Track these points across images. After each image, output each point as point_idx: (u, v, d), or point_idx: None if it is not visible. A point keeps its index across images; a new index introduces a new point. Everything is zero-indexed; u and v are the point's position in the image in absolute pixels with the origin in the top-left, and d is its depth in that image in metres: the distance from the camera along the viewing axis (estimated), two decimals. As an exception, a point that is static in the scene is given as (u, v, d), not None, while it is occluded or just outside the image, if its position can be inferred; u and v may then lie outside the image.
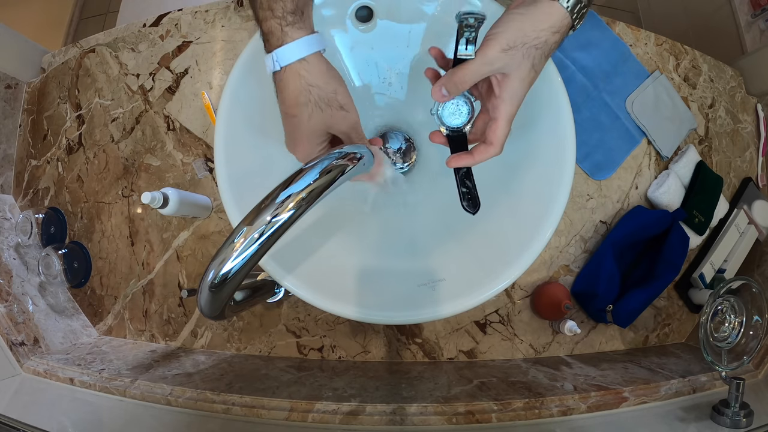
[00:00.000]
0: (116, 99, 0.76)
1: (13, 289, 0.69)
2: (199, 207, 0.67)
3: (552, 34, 0.35)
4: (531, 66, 0.36)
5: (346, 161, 0.33)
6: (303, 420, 0.54)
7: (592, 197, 0.72)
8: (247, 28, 0.73)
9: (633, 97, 0.73)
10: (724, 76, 0.83)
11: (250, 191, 0.46)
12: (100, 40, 0.80)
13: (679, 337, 0.77)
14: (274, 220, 0.29)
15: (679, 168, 0.73)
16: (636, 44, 0.76)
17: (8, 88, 0.81)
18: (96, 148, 0.77)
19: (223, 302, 0.32)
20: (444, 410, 0.53)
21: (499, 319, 0.69)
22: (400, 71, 0.54)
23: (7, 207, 0.78)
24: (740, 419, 0.51)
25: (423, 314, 0.46)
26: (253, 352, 0.69)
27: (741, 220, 0.77)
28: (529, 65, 0.35)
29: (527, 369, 0.64)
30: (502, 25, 0.35)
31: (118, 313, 0.74)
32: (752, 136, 0.84)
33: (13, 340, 0.64)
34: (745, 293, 0.57)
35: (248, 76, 0.49)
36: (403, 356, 0.68)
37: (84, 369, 0.62)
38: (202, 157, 0.72)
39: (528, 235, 0.46)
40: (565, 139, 0.47)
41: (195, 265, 0.71)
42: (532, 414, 0.54)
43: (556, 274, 0.70)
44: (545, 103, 0.48)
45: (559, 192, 0.46)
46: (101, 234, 0.75)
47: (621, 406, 0.57)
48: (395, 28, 0.52)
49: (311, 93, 0.37)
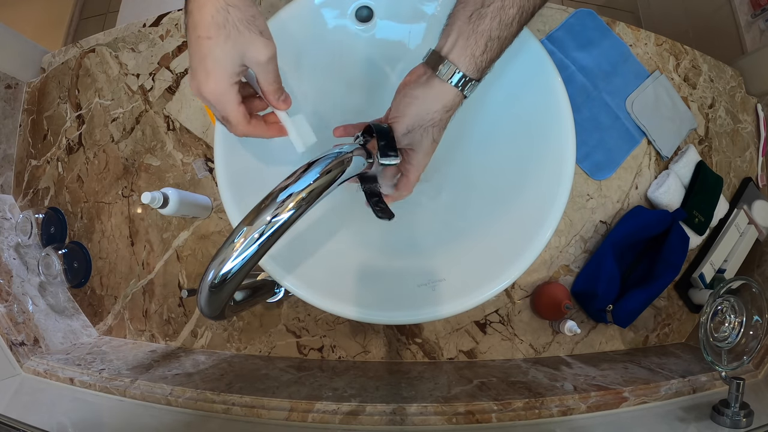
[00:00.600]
0: (116, 99, 0.76)
1: (13, 289, 0.69)
2: (199, 207, 0.67)
3: (445, 112, 0.40)
4: (431, 140, 0.41)
5: (345, 161, 0.33)
6: (303, 420, 0.54)
7: (592, 197, 0.72)
8: (247, 28, 0.73)
9: (633, 97, 0.73)
10: (724, 76, 0.83)
11: (250, 191, 0.46)
12: (100, 40, 0.80)
13: (679, 337, 0.77)
14: (274, 220, 0.29)
15: (679, 168, 0.73)
16: (636, 44, 0.76)
17: (8, 88, 0.81)
18: (96, 148, 0.77)
19: (223, 302, 0.32)
20: (444, 410, 0.53)
21: (499, 319, 0.69)
22: (400, 71, 0.54)
23: (7, 207, 0.78)
24: (740, 419, 0.51)
25: (423, 314, 0.46)
26: (253, 352, 0.69)
27: (741, 220, 0.77)
28: (429, 139, 0.41)
29: (527, 369, 0.64)
30: (405, 108, 0.40)
31: (118, 313, 0.74)
32: (752, 136, 0.84)
33: (13, 340, 0.64)
34: (745, 293, 0.57)
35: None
36: (403, 356, 0.68)
37: (84, 369, 0.62)
38: (202, 157, 0.72)
39: (528, 235, 0.46)
40: (565, 139, 0.47)
41: (195, 265, 0.71)
42: (532, 414, 0.54)
43: (556, 274, 0.70)
44: (545, 103, 0.48)
45: (559, 192, 0.46)
46: (101, 234, 0.75)
47: (621, 406, 0.57)
48: (395, 28, 0.52)
49: (230, 13, 0.33)
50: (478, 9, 0.36)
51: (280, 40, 0.43)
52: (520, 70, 0.48)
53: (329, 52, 0.52)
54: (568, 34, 0.72)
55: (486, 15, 0.36)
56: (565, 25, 0.73)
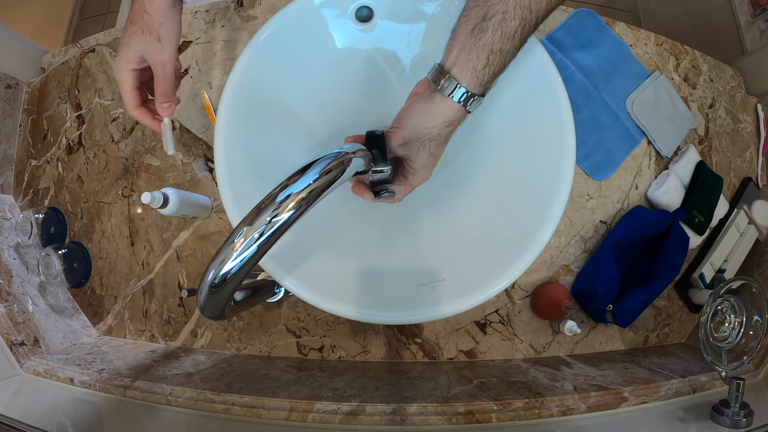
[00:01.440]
0: (116, 99, 0.76)
1: (13, 289, 0.69)
2: (199, 207, 0.67)
3: (444, 127, 0.40)
4: (428, 154, 0.42)
5: (345, 161, 0.33)
6: (303, 420, 0.54)
7: (592, 197, 0.72)
8: (247, 28, 0.73)
9: (633, 97, 0.73)
10: (724, 76, 0.83)
11: (250, 191, 0.46)
12: (100, 40, 0.80)
13: (679, 337, 0.77)
14: (274, 220, 0.29)
15: (679, 168, 0.73)
16: (636, 44, 0.76)
17: (8, 88, 0.81)
18: (96, 148, 0.77)
19: (223, 302, 0.32)
20: (444, 410, 0.53)
21: (499, 319, 0.69)
22: (400, 71, 0.54)
23: (7, 207, 0.78)
24: (740, 419, 0.51)
25: (423, 314, 0.46)
26: (253, 352, 0.69)
27: (741, 220, 0.77)
28: (426, 153, 0.42)
29: (527, 369, 0.64)
30: (404, 121, 0.41)
31: (118, 313, 0.74)
32: (752, 136, 0.84)
33: (13, 340, 0.64)
34: (745, 293, 0.57)
35: (248, 76, 0.49)
36: (403, 356, 0.68)
37: (84, 369, 0.62)
38: (202, 157, 0.72)
39: (528, 235, 0.46)
40: (565, 139, 0.47)
41: (195, 265, 0.71)
42: (532, 414, 0.54)
43: (556, 274, 0.70)
44: (545, 104, 0.48)
45: (559, 192, 0.46)
46: (101, 234, 0.75)
47: (621, 406, 0.57)
48: (395, 28, 0.52)
49: (142, 17, 0.42)
50: (479, 23, 0.36)
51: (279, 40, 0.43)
52: (519, 71, 0.48)
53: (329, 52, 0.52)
54: (568, 34, 0.73)
55: (487, 28, 0.36)
56: (565, 25, 0.73)
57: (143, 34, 0.42)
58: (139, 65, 0.45)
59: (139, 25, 0.42)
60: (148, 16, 0.42)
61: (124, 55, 0.44)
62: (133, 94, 0.46)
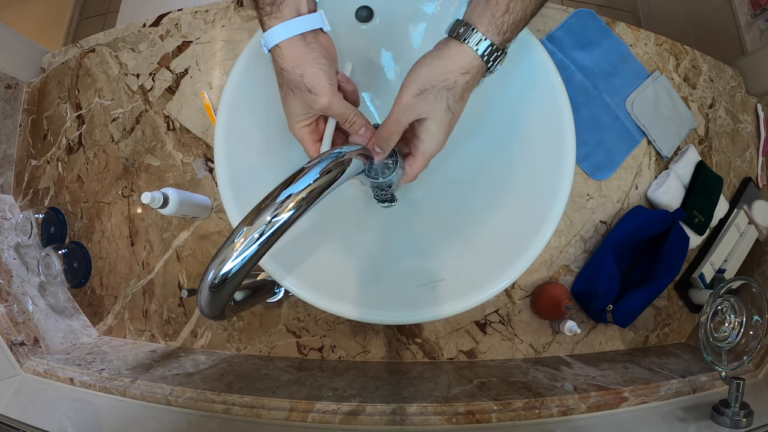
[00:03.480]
0: (116, 99, 0.76)
1: (13, 289, 0.69)
2: (199, 207, 0.67)
3: (461, 75, 0.37)
4: (446, 107, 0.38)
5: (345, 161, 0.33)
6: (303, 420, 0.54)
7: (592, 197, 0.72)
8: (247, 28, 0.73)
9: (633, 97, 0.73)
10: (724, 76, 0.83)
11: (250, 191, 0.46)
12: (100, 40, 0.80)
13: (679, 337, 0.77)
14: (274, 220, 0.29)
15: (679, 168, 0.73)
16: (636, 44, 0.76)
17: (8, 88, 0.81)
18: (96, 148, 0.77)
19: (223, 302, 0.32)
20: (444, 410, 0.53)
21: (499, 319, 0.69)
22: (400, 71, 0.54)
23: (7, 207, 0.78)
24: (740, 419, 0.51)
25: (423, 314, 0.46)
26: (253, 352, 0.69)
27: (741, 220, 0.77)
28: (444, 107, 0.38)
29: (527, 369, 0.64)
30: (414, 73, 0.38)
31: (118, 313, 0.74)
32: (752, 136, 0.84)
33: (13, 340, 0.64)
34: (745, 293, 0.57)
35: (248, 76, 0.49)
36: (403, 356, 0.68)
37: (84, 369, 0.62)
38: (202, 157, 0.72)
39: (528, 235, 0.46)
40: (565, 139, 0.47)
41: (195, 265, 0.71)
42: (532, 414, 0.54)
43: (556, 274, 0.70)
44: (545, 104, 0.48)
45: (559, 192, 0.46)
46: (101, 234, 0.75)
47: (621, 406, 0.57)
48: (395, 28, 0.52)
49: (282, 77, 0.39)
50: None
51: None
52: (520, 70, 0.48)
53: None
54: (568, 34, 0.73)
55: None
56: (565, 25, 0.73)
57: (293, 93, 0.39)
58: (311, 118, 0.42)
59: (286, 86, 0.40)
60: (286, 73, 0.39)
61: (292, 119, 0.42)
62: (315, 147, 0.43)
